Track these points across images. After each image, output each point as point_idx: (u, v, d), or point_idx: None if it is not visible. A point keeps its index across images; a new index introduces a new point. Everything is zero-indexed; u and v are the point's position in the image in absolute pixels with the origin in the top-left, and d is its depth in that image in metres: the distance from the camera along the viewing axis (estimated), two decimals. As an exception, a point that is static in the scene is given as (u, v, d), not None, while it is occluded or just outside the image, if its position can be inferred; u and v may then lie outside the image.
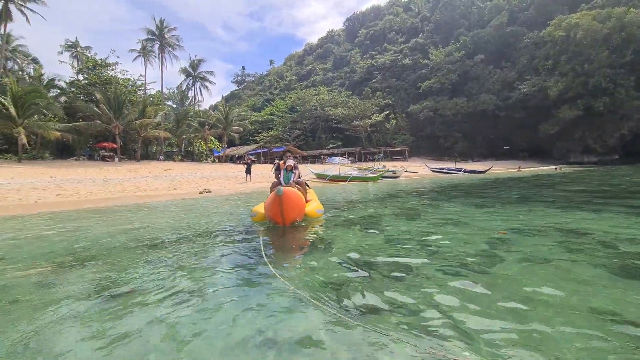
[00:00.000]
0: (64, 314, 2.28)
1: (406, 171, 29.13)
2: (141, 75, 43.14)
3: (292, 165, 6.75)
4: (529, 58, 52.24)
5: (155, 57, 44.82)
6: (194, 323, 2.08)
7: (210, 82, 51.92)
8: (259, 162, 47.54)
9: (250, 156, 48.31)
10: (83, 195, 12.46)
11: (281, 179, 6.71)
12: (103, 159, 32.90)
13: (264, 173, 26.16)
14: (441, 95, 56.15)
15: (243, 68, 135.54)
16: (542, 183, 16.55)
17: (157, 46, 43.94)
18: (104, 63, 37.77)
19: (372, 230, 5.03)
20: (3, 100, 25.55)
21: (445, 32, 66.37)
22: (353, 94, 66.60)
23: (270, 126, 63.94)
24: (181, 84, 52.39)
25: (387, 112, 56.98)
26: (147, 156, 40.51)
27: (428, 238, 4.32)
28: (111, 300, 2.52)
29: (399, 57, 67.20)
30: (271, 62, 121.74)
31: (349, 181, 22.21)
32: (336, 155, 51.63)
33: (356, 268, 3.09)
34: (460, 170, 30.52)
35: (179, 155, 43.73)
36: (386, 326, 1.98)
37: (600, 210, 6.45)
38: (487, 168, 31.35)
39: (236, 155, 51.32)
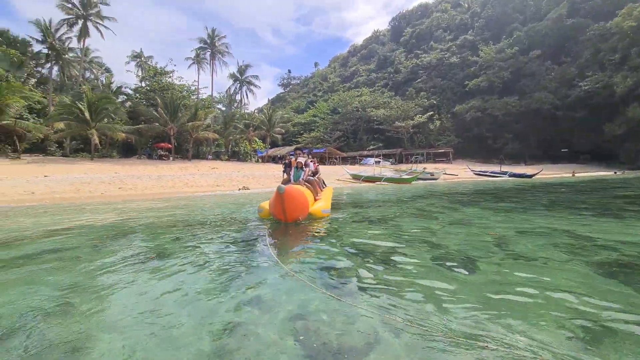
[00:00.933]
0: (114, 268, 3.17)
1: (445, 173, 28.37)
2: (195, 80, 47.08)
3: (303, 162, 6.85)
4: (593, 52, 47.40)
5: (207, 63, 48.44)
6: (198, 284, 2.82)
7: (255, 85, 54.85)
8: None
9: (291, 156, 50.18)
10: (140, 189, 14.32)
11: (291, 177, 6.81)
12: (160, 157, 36.46)
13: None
14: (490, 94, 53.21)
15: (289, 71, 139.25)
16: (589, 188, 15.36)
17: (208, 54, 47.49)
18: (162, 71, 41.81)
19: (376, 227, 5.40)
20: (80, 106, 29.61)
21: (497, 27, 62.72)
22: (396, 95, 65.74)
23: (313, 128, 65.43)
24: (229, 88, 56.12)
25: (431, 112, 55.36)
26: (197, 155, 43.88)
27: (426, 235, 4.67)
28: (139, 264, 3.38)
29: (445, 56, 64.91)
30: (316, 64, 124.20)
31: (383, 182, 22.36)
32: (376, 156, 51.37)
33: (348, 255, 3.55)
34: (505, 174, 28.90)
35: (225, 155, 46.71)
36: (371, 302, 2.32)
37: (624, 217, 6.20)
38: (536, 172, 29.24)
39: (278, 156, 53.40)
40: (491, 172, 30.09)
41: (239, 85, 54.16)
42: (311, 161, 7.59)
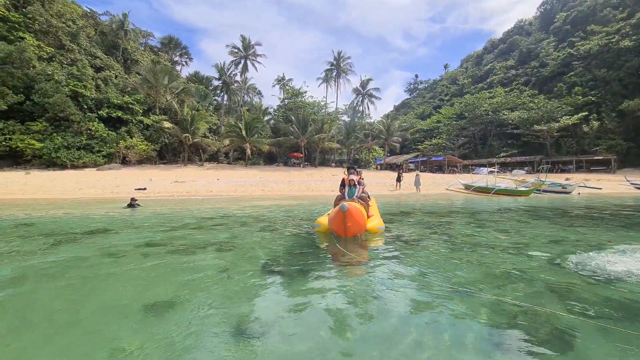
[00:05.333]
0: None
1: (582, 186, 24.30)
2: (323, 97, 54.02)
3: (356, 180, 7.12)
4: None
5: (334, 81, 54.72)
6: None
7: (376, 97, 58.19)
8: (420, 171, 49.11)
9: (410, 164, 50.72)
10: (275, 191, 19.25)
11: (345, 194, 7.04)
12: (293, 165, 43.77)
13: (410, 181, 28.42)
14: (682, 84, 40.18)
15: (416, 76, 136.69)
16: None
17: (335, 73, 53.62)
18: (298, 92, 49.82)
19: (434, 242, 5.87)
20: (240, 125, 39.06)
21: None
22: (540, 93, 56.95)
23: (435, 134, 63.62)
24: (353, 101, 61.15)
25: (585, 113, 45.89)
26: (323, 163, 50.03)
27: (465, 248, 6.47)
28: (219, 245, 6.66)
29: (613, 40, 52.28)
30: (446, 66, 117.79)
31: (493, 194, 21.43)
32: (490, 165, 46.48)
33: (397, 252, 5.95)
34: (680, 189, 22.41)
35: (347, 162, 51.42)
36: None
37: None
38: None
39: (396, 164, 54.74)
40: (657, 187, 23.80)
41: (361, 98, 58.60)
42: (360, 178, 7.85)
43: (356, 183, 7.08)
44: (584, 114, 46.01)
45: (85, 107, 31.50)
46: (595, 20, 60.44)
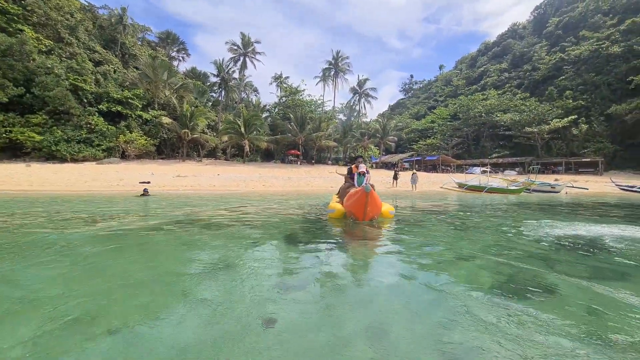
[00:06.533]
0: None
1: (570, 186, 25.38)
2: (321, 95, 54.63)
3: (365, 169, 7.34)
4: None
5: (332, 80, 55.30)
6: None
7: (372, 97, 58.93)
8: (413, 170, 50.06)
9: (405, 163, 51.62)
10: (276, 187, 19.82)
11: (355, 182, 7.31)
12: (290, 162, 44.28)
13: (406, 179, 29.23)
14: (667, 90, 41.75)
15: (411, 76, 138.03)
16: None
17: (333, 72, 54.21)
18: (296, 90, 50.28)
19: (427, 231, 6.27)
20: (238, 122, 39.41)
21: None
22: (531, 96, 58.42)
23: (429, 134, 64.70)
24: (350, 100, 61.88)
25: (575, 116, 47.29)
26: (320, 160, 50.62)
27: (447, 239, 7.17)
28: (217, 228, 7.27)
29: (603, 46, 53.86)
30: (441, 67, 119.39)
31: (485, 192, 22.35)
32: (484, 165, 47.68)
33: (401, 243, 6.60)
34: (661, 191, 23.62)
35: (343, 160, 52.12)
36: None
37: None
38: None
39: (391, 162, 55.63)
40: (638, 188, 24.98)
41: (357, 97, 59.28)
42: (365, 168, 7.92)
43: (365, 172, 7.29)
44: (573, 117, 47.42)
45: (85, 101, 31.60)
46: (587, 26, 62.11)
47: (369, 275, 3.40)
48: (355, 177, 7.39)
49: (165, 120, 35.35)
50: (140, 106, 35.28)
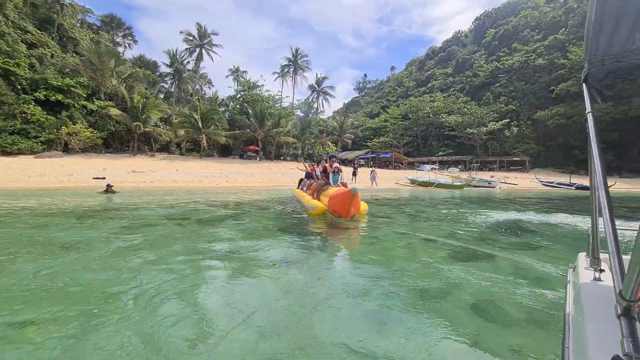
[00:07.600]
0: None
1: (503, 182, 28.98)
2: (279, 91, 54.57)
3: (339, 167, 7.98)
4: None
5: (290, 77, 55.61)
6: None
7: (330, 95, 60.34)
8: (368, 166, 52.49)
9: (360, 160, 53.87)
10: (239, 183, 20.01)
11: (330, 181, 7.89)
12: (249, 158, 43.97)
13: (364, 177, 30.92)
14: (579, 100, 48.77)
15: (365, 75, 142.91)
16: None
17: (292, 69, 54.55)
18: (254, 85, 49.76)
19: (395, 224, 9.10)
20: (195, 116, 38.20)
21: (596, 24, 56.36)
22: (472, 100, 64.26)
23: (383, 133, 67.97)
24: (308, 97, 62.64)
25: (507, 120, 53.19)
26: (278, 157, 50.84)
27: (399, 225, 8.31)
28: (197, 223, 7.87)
29: (531, 58, 60.99)
30: (392, 68, 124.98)
31: (434, 187, 24.75)
32: (432, 163, 51.90)
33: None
34: (572, 186, 28.06)
35: (302, 157, 52.90)
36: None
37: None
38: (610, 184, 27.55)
39: (349, 159, 57.69)
40: (557, 184, 29.40)
41: (316, 95, 60.28)
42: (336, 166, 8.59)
43: (339, 170, 8.00)
44: (506, 120, 53.30)
45: (19, 87, 28.48)
46: (519, 39, 69.56)
47: (345, 262, 4.30)
48: (331, 176, 8.05)
49: (114, 111, 33.08)
50: (84, 95, 32.59)
